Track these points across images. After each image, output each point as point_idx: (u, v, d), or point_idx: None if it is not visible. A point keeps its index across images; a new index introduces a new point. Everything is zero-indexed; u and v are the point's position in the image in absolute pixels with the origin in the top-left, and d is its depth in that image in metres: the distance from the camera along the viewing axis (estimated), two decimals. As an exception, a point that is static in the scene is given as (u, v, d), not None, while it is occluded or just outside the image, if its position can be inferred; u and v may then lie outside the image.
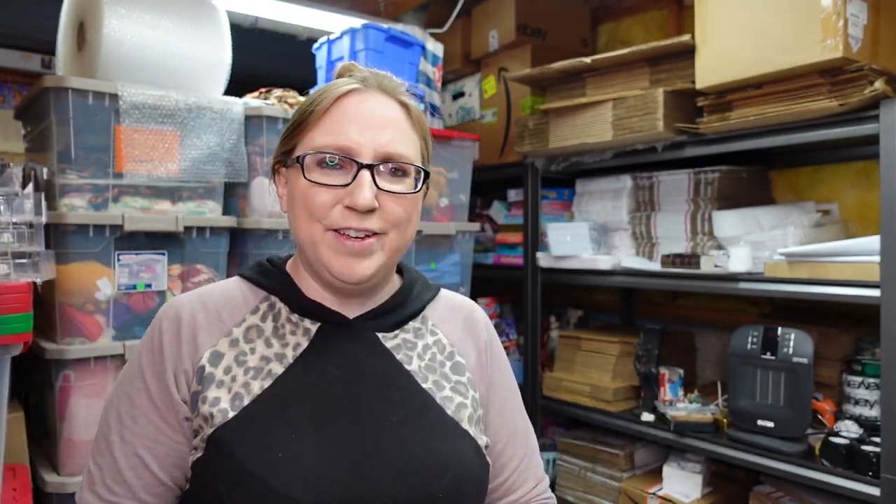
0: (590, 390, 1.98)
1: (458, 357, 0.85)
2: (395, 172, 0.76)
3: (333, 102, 0.76)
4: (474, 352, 0.88)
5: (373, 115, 0.75)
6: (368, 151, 0.73)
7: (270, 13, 2.10)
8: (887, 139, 1.33)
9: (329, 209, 0.73)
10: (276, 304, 0.80)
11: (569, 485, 2.11)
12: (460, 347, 0.87)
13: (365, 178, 0.72)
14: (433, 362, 0.83)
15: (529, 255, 2.15)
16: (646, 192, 1.97)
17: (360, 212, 0.72)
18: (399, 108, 0.79)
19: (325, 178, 0.73)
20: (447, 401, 0.79)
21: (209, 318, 0.77)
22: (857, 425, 1.50)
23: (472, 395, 0.83)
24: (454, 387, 0.81)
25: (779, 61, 1.44)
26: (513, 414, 0.90)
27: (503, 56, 2.32)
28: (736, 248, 1.64)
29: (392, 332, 0.82)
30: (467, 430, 0.78)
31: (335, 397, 0.74)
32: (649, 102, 1.70)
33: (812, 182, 1.93)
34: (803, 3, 1.39)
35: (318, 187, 0.73)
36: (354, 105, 0.76)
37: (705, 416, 1.72)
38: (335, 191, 0.73)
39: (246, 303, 0.80)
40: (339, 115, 0.75)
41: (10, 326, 1.19)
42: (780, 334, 1.58)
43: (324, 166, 0.74)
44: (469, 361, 0.86)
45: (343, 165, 0.74)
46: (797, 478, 1.48)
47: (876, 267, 1.35)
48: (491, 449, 0.84)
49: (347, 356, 0.77)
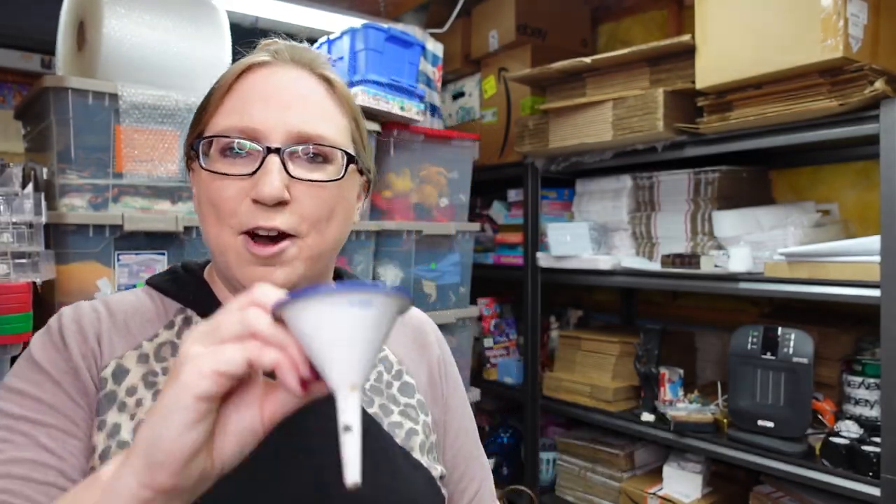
0: (590, 390, 1.98)
1: (406, 377, 0.74)
2: (315, 158, 0.63)
3: (236, 79, 0.64)
4: (426, 370, 0.77)
5: (284, 91, 0.63)
6: (278, 133, 0.61)
7: (270, 13, 2.10)
8: (887, 139, 1.33)
9: (236, 206, 0.61)
10: (193, 318, 0.68)
11: (569, 485, 2.11)
12: (409, 366, 0.76)
13: (272, 164, 0.60)
14: (379, 383, 0.71)
15: (529, 255, 2.15)
16: (646, 192, 1.97)
17: (268, 205, 0.60)
18: (319, 83, 0.66)
19: (230, 167, 0.61)
20: (396, 427, 0.69)
21: (116, 327, 0.64)
22: (858, 425, 1.50)
23: (424, 419, 0.72)
24: (403, 410, 0.71)
25: (779, 61, 1.44)
26: (469, 438, 0.81)
27: (503, 56, 2.32)
28: (736, 248, 1.64)
29: None
30: (419, 461, 0.68)
31: (273, 436, 0.60)
32: (649, 102, 1.70)
33: (812, 182, 1.93)
34: (803, 4, 1.39)
35: (220, 179, 0.61)
36: (262, 80, 0.63)
37: (705, 417, 1.72)
38: (240, 182, 0.61)
39: (159, 316, 0.67)
40: (242, 93, 0.63)
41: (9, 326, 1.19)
42: (780, 334, 1.58)
43: (228, 154, 0.62)
44: (420, 381, 0.76)
45: (251, 153, 0.61)
46: (797, 478, 1.48)
47: (876, 267, 1.35)
48: (447, 478, 0.75)
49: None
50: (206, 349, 0.42)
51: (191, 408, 0.41)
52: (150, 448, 0.42)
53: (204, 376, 0.41)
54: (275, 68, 0.65)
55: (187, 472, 0.42)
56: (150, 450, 0.42)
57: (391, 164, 1.84)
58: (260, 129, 0.61)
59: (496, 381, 2.34)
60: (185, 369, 0.41)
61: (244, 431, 0.44)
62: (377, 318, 0.41)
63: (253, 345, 0.42)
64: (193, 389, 0.41)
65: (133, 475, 0.42)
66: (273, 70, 0.64)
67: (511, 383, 2.29)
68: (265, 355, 0.41)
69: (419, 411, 0.73)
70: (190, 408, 0.41)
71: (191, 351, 0.42)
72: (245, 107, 0.62)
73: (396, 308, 0.43)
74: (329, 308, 0.40)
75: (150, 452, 0.42)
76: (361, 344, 0.41)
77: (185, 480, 0.42)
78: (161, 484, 0.42)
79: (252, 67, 0.64)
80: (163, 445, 0.41)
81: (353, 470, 0.39)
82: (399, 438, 0.68)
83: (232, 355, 0.41)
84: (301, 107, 0.63)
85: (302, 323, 0.41)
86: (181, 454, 0.41)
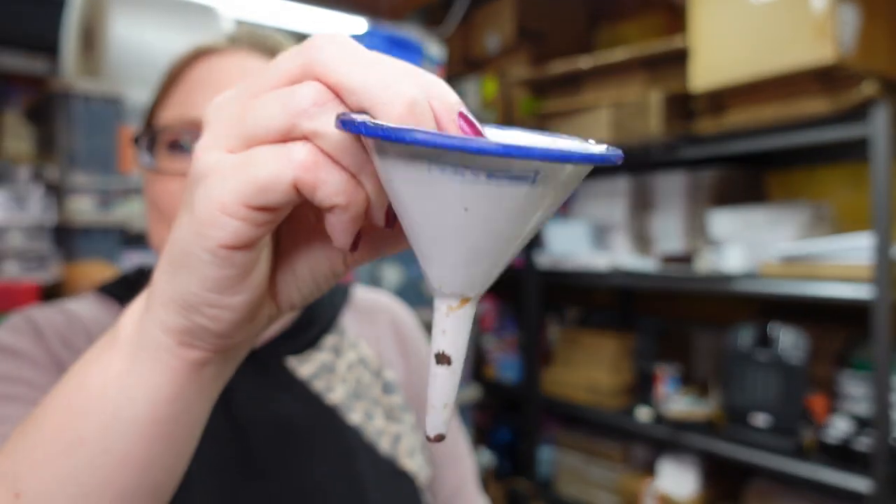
0: (588, 387, 2.01)
1: (387, 373, 0.67)
2: None
3: (185, 68, 0.58)
4: (403, 362, 0.70)
5: (235, 80, 0.55)
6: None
7: (274, 20, 2.13)
8: (877, 141, 1.36)
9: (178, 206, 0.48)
10: None
11: (567, 480, 2.14)
12: (389, 359, 0.68)
13: None
14: (360, 385, 0.64)
15: (528, 254, 2.18)
16: (642, 192, 2.00)
17: None
18: None
19: (172, 164, 0.56)
20: (380, 435, 0.62)
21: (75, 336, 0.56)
22: (850, 421, 1.53)
23: (410, 420, 0.65)
24: (388, 413, 0.64)
25: (771, 64, 1.47)
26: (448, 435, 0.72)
27: (503, 59, 2.35)
28: (731, 247, 1.66)
29: (305, 355, 0.62)
30: (405, 470, 0.61)
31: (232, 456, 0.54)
32: (645, 105, 1.73)
33: (805, 183, 1.95)
34: (795, 7, 1.42)
35: (164, 178, 0.55)
36: (212, 68, 0.57)
37: (701, 413, 1.75)
38: (182, 180, 0.54)
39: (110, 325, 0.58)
40: (191, 83, 0.57)
41: (21, 324, 1.22)
42: (774, 332, 1.61)
43: (176, 150, 0.56)
44: (399, 376, 0.68)
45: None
46: (791, 473, 1.50)
47: (867, 266, 1.38)
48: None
49: (249, 398, 0.56)
50: (229, 155, 0.26)
51: (218, 262, 0.26)
52: (186, 308, 0.28)
53: (226, 210, 0.25)
54: (228, 55, 0.58)
55: (246, 331, 0.30)
56: (188, 311, 0.28)
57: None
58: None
59: (496, 379, 2.38)
60: (198, 194, 0.26)
61: (319, 276, 0.32)
62: (531, 199, 0.24)
63: (306, 156, 0.25)
64: (212, 236, 0.26)
65: (170, 335, 0.29)
66: (226, 58, 0.58)
67: (510, 381, 2.32)
68: (325, 184, 0.25)
69: (403, 412, 0.66)
70: (216, 262, 0.26)
71: (206, 156, 0.26)
72: (190, 98, 0.56)
73: (570, 179, 0.24)
74: (442, 181, 0.23)
75: (188, 314, 0.28)
76: (496, 237, 0.24)
77: (246, 335, 0.31)
78: (214, 346, 0.30)
79: (202, 55, 0.58)
80: (202, 309, 0.28)
81: (439, 418, 0.27)
82: (384, 447, 0.61)
83: (272, 170, 0.25)
84: None
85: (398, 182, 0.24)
86: (231, 319, 0.29)
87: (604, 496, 2.01)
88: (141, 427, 0.30)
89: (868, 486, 1.36)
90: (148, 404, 0.30)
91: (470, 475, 0.73)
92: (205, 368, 0.30)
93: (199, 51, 0.59)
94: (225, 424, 0.54)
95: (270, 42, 0.60)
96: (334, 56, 0.25)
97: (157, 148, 0.57)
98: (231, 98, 0.27)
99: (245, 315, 0.29)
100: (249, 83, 0.27)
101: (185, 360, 0.30)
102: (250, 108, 0.26)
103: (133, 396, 0.30)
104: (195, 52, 0.59)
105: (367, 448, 0.60)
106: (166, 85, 0.59)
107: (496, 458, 2.34)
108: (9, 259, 1.41)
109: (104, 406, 0.30)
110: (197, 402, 0.31)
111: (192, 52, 0.59)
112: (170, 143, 0.56)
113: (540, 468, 2.23)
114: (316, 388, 0.60)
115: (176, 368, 0.30)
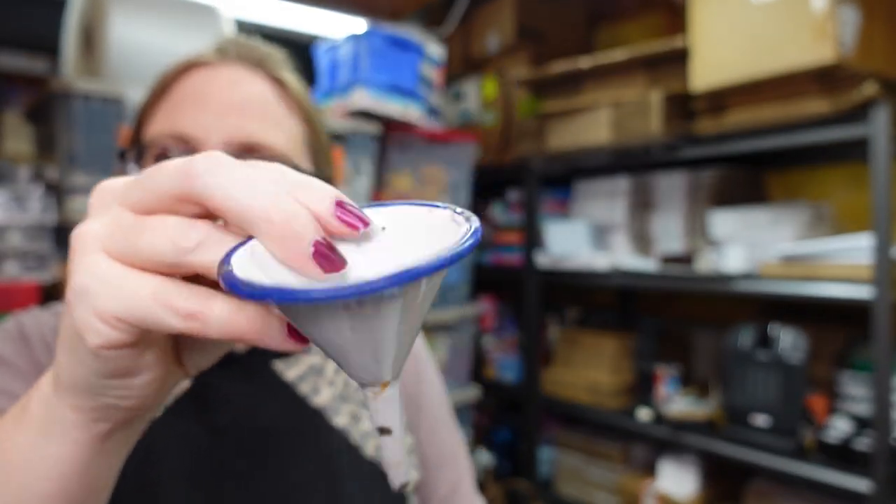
0: (588, 387, 2.01)
1: None
2: None
3: (173, 81, 0.58)
4: None
5: (224, 94, 0.56)
6: (215, 140, 0.54)
7: (273, 20, 2.13)
8: (877, 141, 1.36)
9: None
10: None
11: (567, 481, 2.14)
12: None
13: None
14: (348, 388, 0.64)
15: (528, 254, 2.18)
16: (642, 192, 2.00)
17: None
18: (268, 85, 0.59)
19: None
20: (366, 438, 0.61)
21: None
22: (850, 421, 1.53)
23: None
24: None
25: (771, 64, 1.47)
26: (442, 436, 0.72)
27: (503, 58, 2.35)
28: (731, 247, 1.66)
29: (293, 358, 0.62)
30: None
31: (207, 464, 0.54)
32: (645, 105, 1.73)
33: (805, 183, 1.95)
34: (795, 7, 1.42)
35: None
36: (202, 82, 0.57)
37: (701, 413, 1.75)
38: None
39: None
40: (179, 96, 0.56)
41: (21, 324, 1.22)
42: (774, 332, 1.61)
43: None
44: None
45: None
46: (791, 473, 1.50)
47: (867, 266, 1.38)
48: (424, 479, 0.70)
49: (236, 400, 0.57)
50: (112, 267, 0.26)
51: (102, 360, 0.27)
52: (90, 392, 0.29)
53: (103, 319, 0.26)
54: (218, 68, 0.58)
55: (157, 399, 0.31)
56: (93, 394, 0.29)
57: (391, 164, 1.87)
58: (192, 134, 0.54)
59: (496, 379, 2.38)
60: (78, 297, 0.26)
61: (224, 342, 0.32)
62: (401, 309, 0.26)
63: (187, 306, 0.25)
64: (90, 340, 0.26)
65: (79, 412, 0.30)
66: (216, 71, 0.58)
67: (510, 381, 2.32)
68: (208, 328, 0.25)
69: None
70: (100, 360, 0.27)
71: (85, 240, 0.27)
72: (178, 111, 0.55)
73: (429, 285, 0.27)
74: (323, 316, 0.25)
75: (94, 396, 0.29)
76: (385, 343, 0.26)
77: (157, 402, 0.31)
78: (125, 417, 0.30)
79: (192, 67, 0.58)
80: (107, 391, 0.29)
81: (398, 472, 0.30)
82: (369, 450, 0.61)
83: (150, 309, 0.25)
84: (243, 111, 0.55)
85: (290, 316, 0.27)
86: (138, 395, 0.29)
87: (604, 496, 2.01)
88: (52, 500, 0.31)
89: (868, 487, 1.36)
90: (58, 480, 0.30)
91: (466, 476, 0.73)
92: (114, 436, 0.31)
93: (188, 63, 0.58)
94: (203, 433, 0.55)
95: (258, 54, 0.60)
96: (213, 184, 0.25)
97: (145, 161, 0.56)
98: (117, 193, 0.28)
99: (152, 391, 0.30)
100: (133, 190, 0.27)
101: (94, 434, 0.30)
102: (139, 228, 0.26)
103: (42, 474, 0.30)
104: (184, 65, 0.58)
105: (352, 450, 0.60)
106: (154, 97, 0.59)
107: (496, 458, 2.34)
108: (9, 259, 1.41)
109: (18, 479, 0.31)
110: (106, 468, 0.32)
111: (180, 65, 0.58)
112: (157, 157, 0.55)
113: (540, 468, 2.23)
114: (302, 391, 0.60)
115: (85, 442, 0.30)
